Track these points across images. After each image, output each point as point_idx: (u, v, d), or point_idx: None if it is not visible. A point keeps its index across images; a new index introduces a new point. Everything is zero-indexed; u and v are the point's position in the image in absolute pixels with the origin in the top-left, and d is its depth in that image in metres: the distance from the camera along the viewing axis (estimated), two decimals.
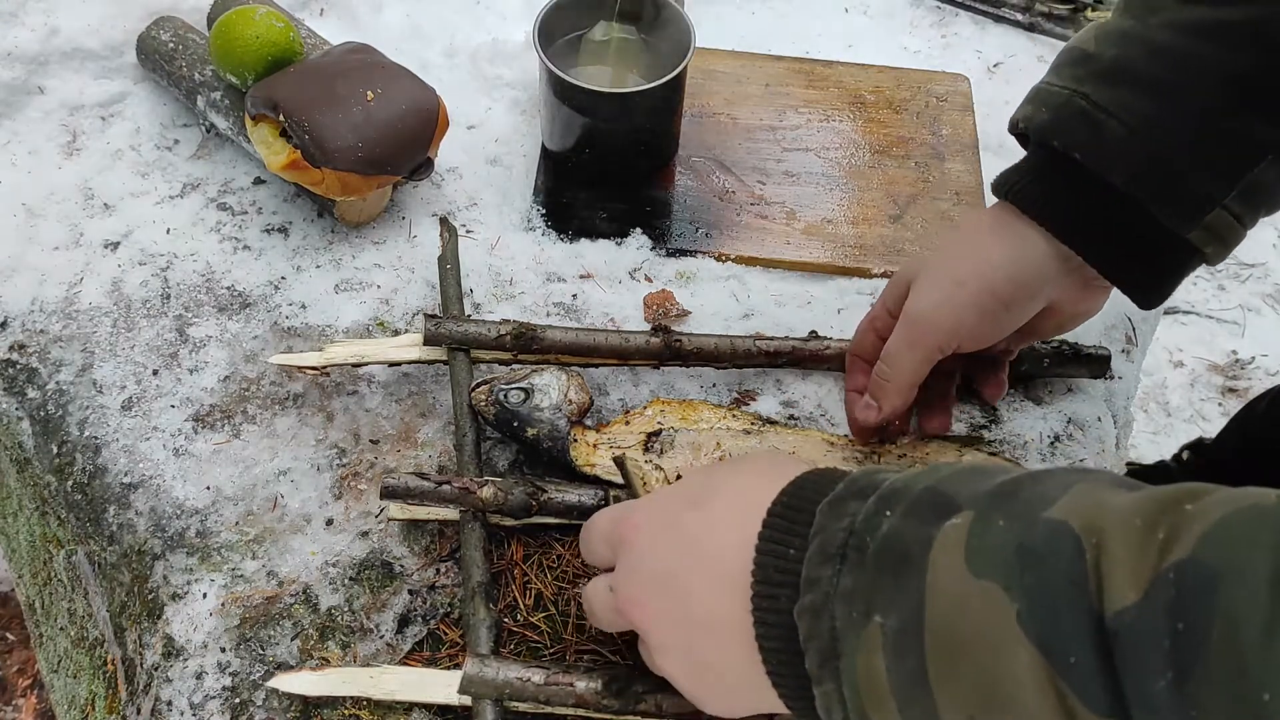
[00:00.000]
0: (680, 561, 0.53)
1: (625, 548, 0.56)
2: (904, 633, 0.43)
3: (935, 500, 0.45)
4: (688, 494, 0.56)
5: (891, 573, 0.44)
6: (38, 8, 1.03)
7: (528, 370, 0.76)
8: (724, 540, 0.51)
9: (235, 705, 0.67)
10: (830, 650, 0.45)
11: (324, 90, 0.85)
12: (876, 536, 0.45)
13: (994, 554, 0.41)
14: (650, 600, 0.54)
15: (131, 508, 0.76)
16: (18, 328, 0.85)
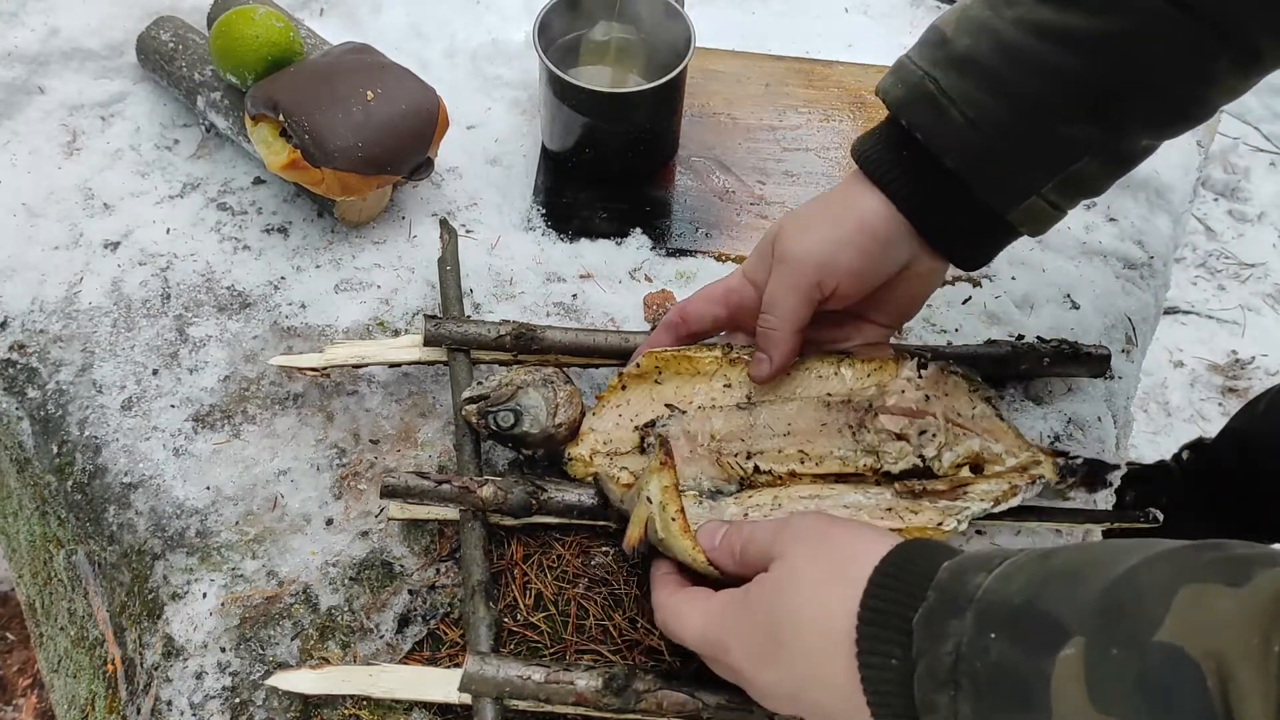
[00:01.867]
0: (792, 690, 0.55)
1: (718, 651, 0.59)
2: None
3: (1040, 624, 0.44)
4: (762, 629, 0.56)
5: (1017, 707, 0.44)
6: (38, 8, 1.03)
7: (514, 387, 0.73)
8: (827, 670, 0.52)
9: (235, 705, 0.67)
10: None
11: (324, 90, 0.85)
12: (987, 664, 0.45)
13: (1115, 688, 0.41)
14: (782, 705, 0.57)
15: (131, 508, 0.76)
16: (18, 328, 0.85)
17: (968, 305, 0.89)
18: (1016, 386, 0.84)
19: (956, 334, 0.87)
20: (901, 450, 0.72)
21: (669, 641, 0.69)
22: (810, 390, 0.74)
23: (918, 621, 0.49)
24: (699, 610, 0.60)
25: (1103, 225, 0.97)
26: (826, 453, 0.72)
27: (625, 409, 0.75)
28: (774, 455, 0.72)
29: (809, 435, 0.73)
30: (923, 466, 0.71)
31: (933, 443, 0.72)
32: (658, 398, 0.75)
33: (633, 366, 0.75)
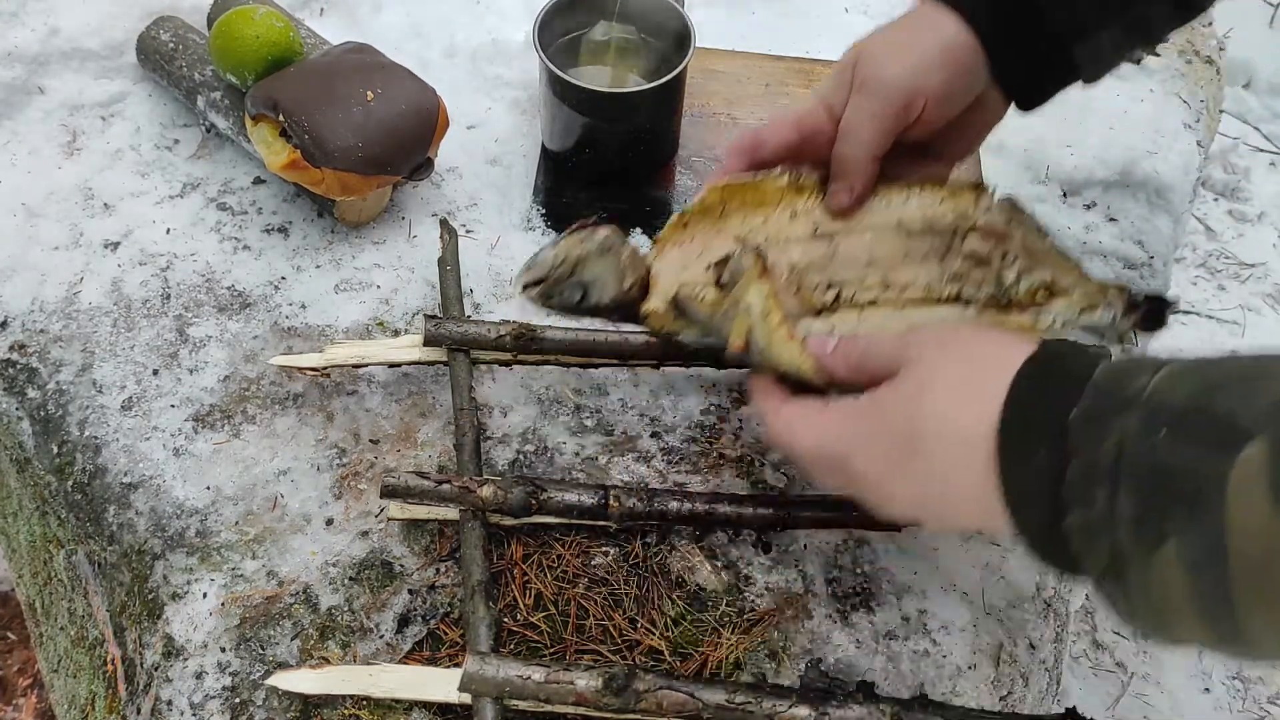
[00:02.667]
0: (916, 491, 0.56)
1: (845, 472, 0.59)
2: (1207, 560, 0.43)
3: (1216, 425, 0.44)
4: (895, 437, 0.56)
5: (1185, 504, 0.44)
6: (38, 8, 1.03)
7: (572, 262, 0.68)
8: (961, 478, 0.52)
9: (235, 705, 0.67)
10: (1112, 565, 0.47)
11: (324, 90, 0.85)
12: (1155, 462, 0.45)
13: None
14: (909, 513, 0.58)
15: (131, 507, 0.76)
16: (18, 328, 0.85)
17: None
18: None
19: None
20: (985, 275, 0.70)
21: (669, 641, 0.69)
22: (883, 219, 0.71)
23: (1074, 419, 0.48)
24: (815, 422, 0.60)
25: (1103, 225, 0.97)
26: (910, 281, 0.70)
27: (690, 248, 0.70)
28: (856, 285, 0.70)
29: (892, 264, 0.70)
30: (1001, 294, 0.70)
31: (1013, 267, 0.70)
32: (724, 232, 0.70)
33: (696, 202, 0.71)
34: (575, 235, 0.69)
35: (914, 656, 0.71)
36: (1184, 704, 1.49)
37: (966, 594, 0.73)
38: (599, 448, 0.80)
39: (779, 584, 0.74)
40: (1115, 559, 0.47)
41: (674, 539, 0.75)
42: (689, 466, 0.79)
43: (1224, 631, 0.45)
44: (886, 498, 0.58)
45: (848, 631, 0.72)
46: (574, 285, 0.69)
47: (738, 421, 0.82)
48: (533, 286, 0.70)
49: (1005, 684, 0.71)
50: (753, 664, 0.70)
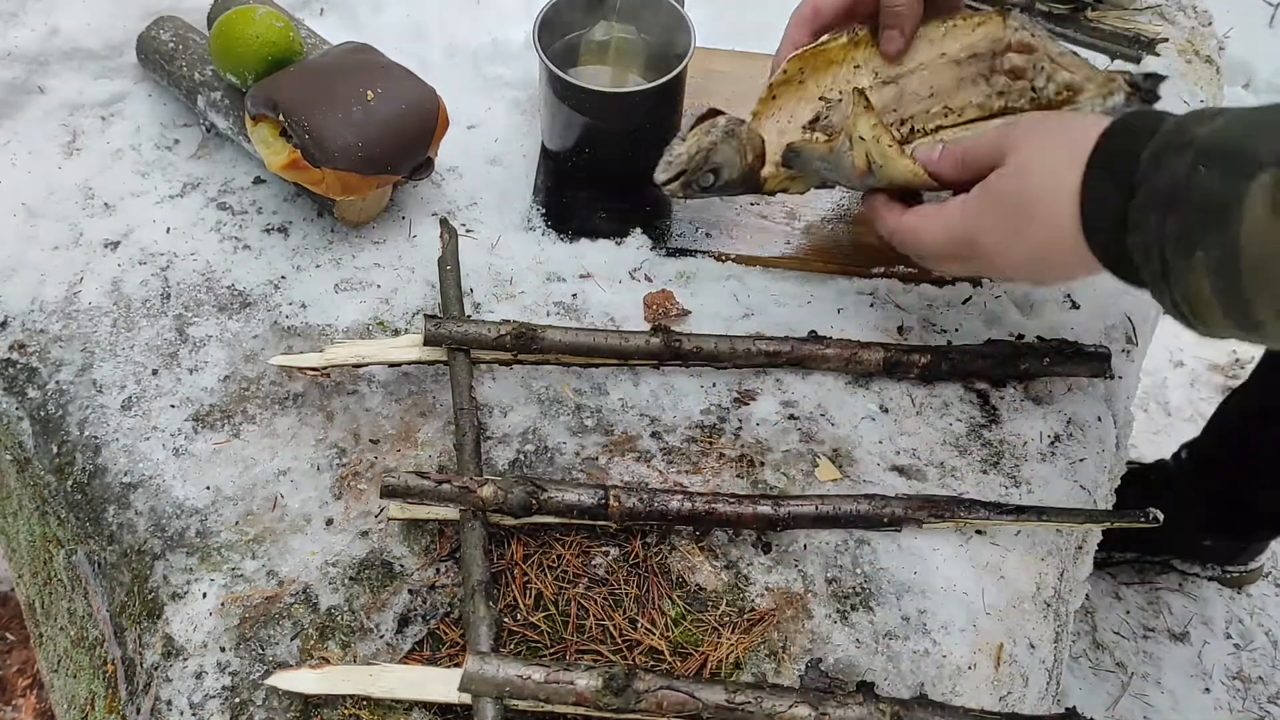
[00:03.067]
0: (1027, 248, 0.68)
1: (971, 248, 0.71)
2: (1224, 263, 0.56)
3: (1243, 160, 0.56)
4: (1010, 209, 0.68)
5: (1214, 220, 0.56)
6: (38, 8, 1.03)
7: (704, 151, 0.80)
8: (1061, 224, 0.65)
9: (235, 705, 0.67)
10: (1160, 273, 0.60)
11: (324, 90, 0.85)
12: (1196, 188, 0.57)
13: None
14: (1016, 272, 0.73)
15: (131, 507, 0.76)
16: (18, 328, 0.85)
17: (968, 305, 0.89)
18: (1016, 386, 0.84)
19: (957, 334, 0.87)
20: (1023, 86, 0.82)
21: (669, 641, 0.69)
22: (931, 55, 0.83)
23: (1145, 157, 0.60)
24: (936, 220, 0.73)
25: None
26: (966, 103, 0.83)
27: (781, 115, 0.83)
28: (923, 116, 0.83)
29: (949, 92, 0.83)
30: (1039, 98, 0.81)
31: (1042, 74, 0.81)
32: (807, 96, 0.83)
33: (778, 75, 0.83)
34: (699, 128, 0.81)
35: (914, 656, 0.71)
36: (1184, 704, 1.49)
37: (966, 594, 0.73)
38: (599, 448, 0.80)
39: (779, 584, 0.74)
40: (1164, 269, 0.60)
41: (674, 539, 0.75)
42: (689, 466, 0.79)
43: (1239, 318, 0.58)
44: (1007, 264, 0.70)
45: (848, 631, 0.72)
46: (707, 171, 0.81)
47: (738, 421, 0.82)
48: (672, 181, 0.82)
49: (1005, 684, 0.71)
50: (753, 664, 0.70)
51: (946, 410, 0.83)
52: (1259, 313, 0.57)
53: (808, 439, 0.81)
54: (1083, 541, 0.85)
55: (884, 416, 0.83)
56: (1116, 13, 1.10)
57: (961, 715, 0.66)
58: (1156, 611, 1.58)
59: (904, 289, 0.90)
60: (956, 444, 0.81)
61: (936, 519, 0.74)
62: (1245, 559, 1.57)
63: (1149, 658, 1.53)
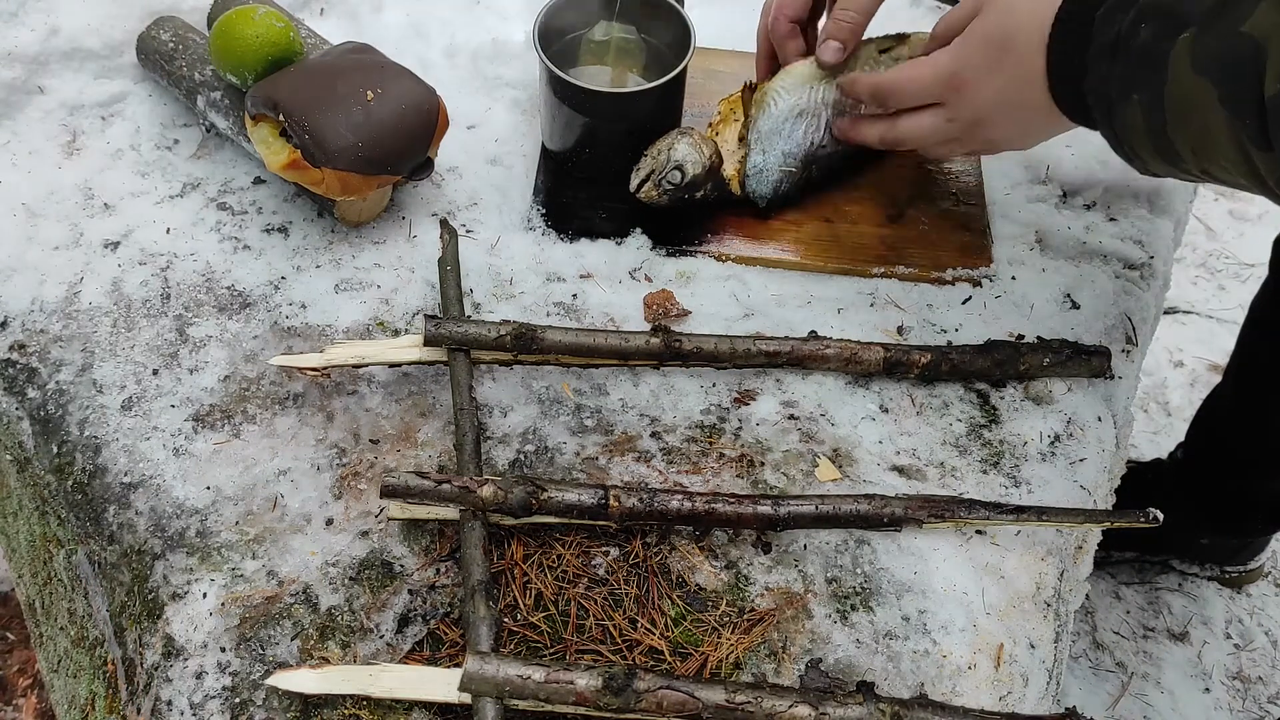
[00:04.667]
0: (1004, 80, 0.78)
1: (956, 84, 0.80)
2: (1153, 104, 0.67)
3: (1174, 18, 0.65)
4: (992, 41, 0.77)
5: (1147, 67, 0.67)
6: (38, 8, 1.03)
7: (666, 149, 0.88)
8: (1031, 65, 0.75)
9: (235, 705, 0.67)
10: (1108, 110, 0.71)
11: (324, 90, 0.85)
12: (1135, 41, 0.68)
13: (1207, 59, 0.63)
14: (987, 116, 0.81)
15: (131, 507, 0.76)
16: (18, 328, 0.85)
17: (968, 305, 0.89)
18: (1016, 386, 0.84)
19: (957, 334, 0.87)
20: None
21: (669, 641, 0.69)
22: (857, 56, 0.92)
23: (1100, 14, 0.71)
24: (927, 64, 0.82)
25: (1103, 225, 0.97)
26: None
27: (721, 138, 0.91)
28: None
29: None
30: None
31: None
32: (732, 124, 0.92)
33: (715, 117, 0.92)
34: (660, 140, 0.89)
35: (914, 656, 0.71)
36: (1184, 704, 1.49)
37: (966, 594, 0.73)
38: (599, 448, 0.80)
39: (779, 584, 0.74)
40: (1110, 110, 0.71)
41: (674, 539, 0.75)
42: (689, 466, 0.79)
43: (1165, 154, 0.69)
44: (981, 97, 0.79)
45: (848, 631, 0.72)
46: (672, 169, 0.88)
47: (738, 421, 0.82)
48: (643, 184, 0.89)
49: (1005, 684, 0.71)
50: (753, 664, 0.70)
51: (946, 410, 0.83)
52: (1178, 146, 0.68)
53: (808, 439, 0.81)
54: (1083, 541, 0.85)
55: (884, 416, 0.83)
56: None
57: (961, 715, 0.66)
58: (1156, 611, 1.58)
59: (904, 289, 0.90)
60: (956, 444, 0.81)
61: (936, 519, 0.74)
62: (1245, 558, 1.57)
63: (1149, 658, 1.53)
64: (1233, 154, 0.65)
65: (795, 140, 0.90)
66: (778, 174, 0.90)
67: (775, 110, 0.89)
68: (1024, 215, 0.96)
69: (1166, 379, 1.87)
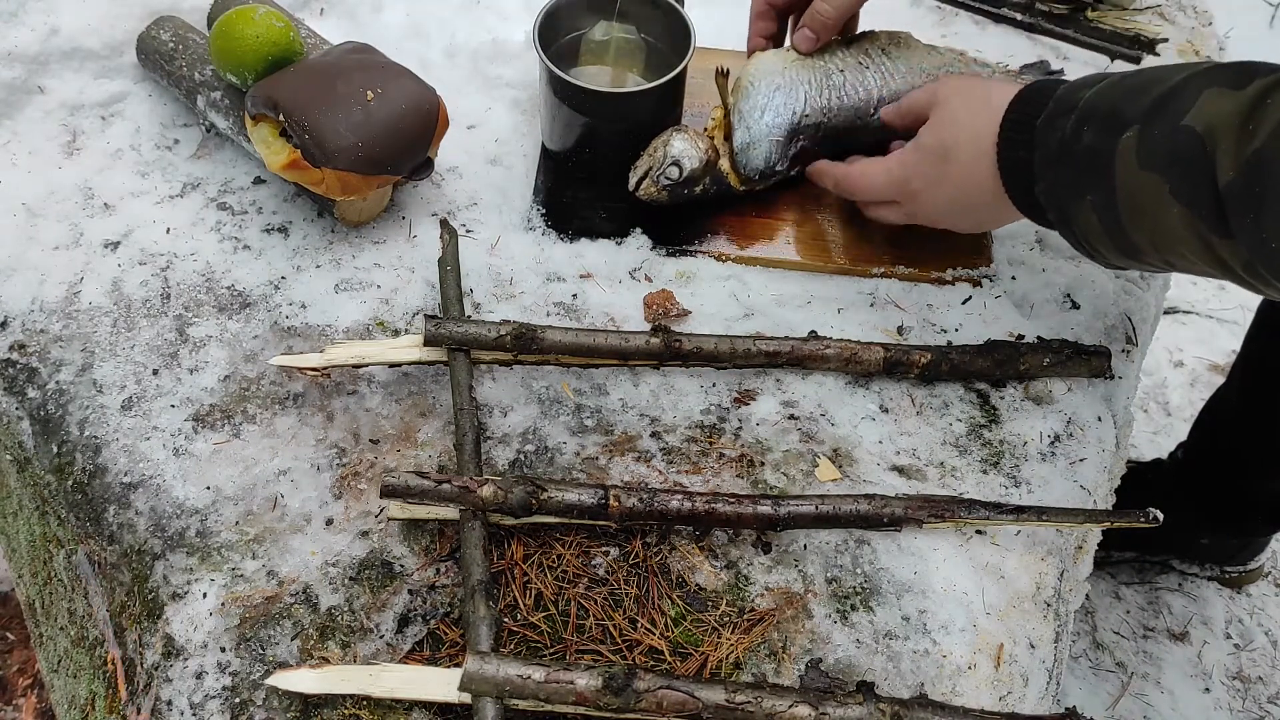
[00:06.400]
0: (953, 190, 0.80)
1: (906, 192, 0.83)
2: (1106, 203, 0.69)
3: (1115, 119, 0.68)
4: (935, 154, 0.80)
5: (1094, 169, 0.69)
6: (38, 8, 1.03)
7: (661, 145, 0.89)
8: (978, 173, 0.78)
9: (235, 705, 0.67)
10: (1063, 213, 0.74)
11: (324, 90, 0.85)
12: (1079, 146, 0.70)
13: (1153, 155, 0.65)
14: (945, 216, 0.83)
15: (131, 507, 0.76)
16: (18, 328, 0.85)
17: (968, 305, 0.89)
18: (1016, 386, 0.84)
19: (957, 333, 0.87)
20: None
21: (669, 641, 0.69)
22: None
23: (1040, 122, 0.74)
24: (880, 166, 0.85)
25: None
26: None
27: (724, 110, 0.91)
28: None
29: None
30: None
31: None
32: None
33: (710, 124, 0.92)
34: (655, 140, 0.90)
35: (914, 656, 0.71)
36: (1184, 704, 1.49)
37: (966, 594, 0.73)
38: (599, 448, 0.80)
39: (779, 584, 0.74)
40: (1063, 212, 0.74)
41: (674, 539, 0.75)
42: (689, 466, 0.79)
43: (1124, 248, 0.71)
44: (935, 205, 0.82)
45: (848, 631, 0.72)
46: (670, 165, 0.89)
47: (738, 421, 0.82)
48: (640, 182, 0.90)
49: (1005, 684, 0.71)
50: (753, 664, 0.70)
51: (946, 410, 0.83)
52: (1136, 241, 0.69)
53: (808, 439, 0.81)
54: (1083, 541, 0.85)
55: (884, 416, 0.83)
56: (1116, 13, 1.10)
57: (961, 715, 0.66)
58: (1156, 611, 1.58)
59: (904, 289, 0.90)
60: (956, 444, 0.81)
61: (936, 519, 0.74)
62: (1245, 558, 1.57)
63: (1149, 658, 1.53)
64: (1193, 244, 0.66)
65: (776, 110, 0.90)
66: (766, 145, 0.90)
67: (754, 89, 0.90)
68: None
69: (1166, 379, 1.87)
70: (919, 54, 0.92)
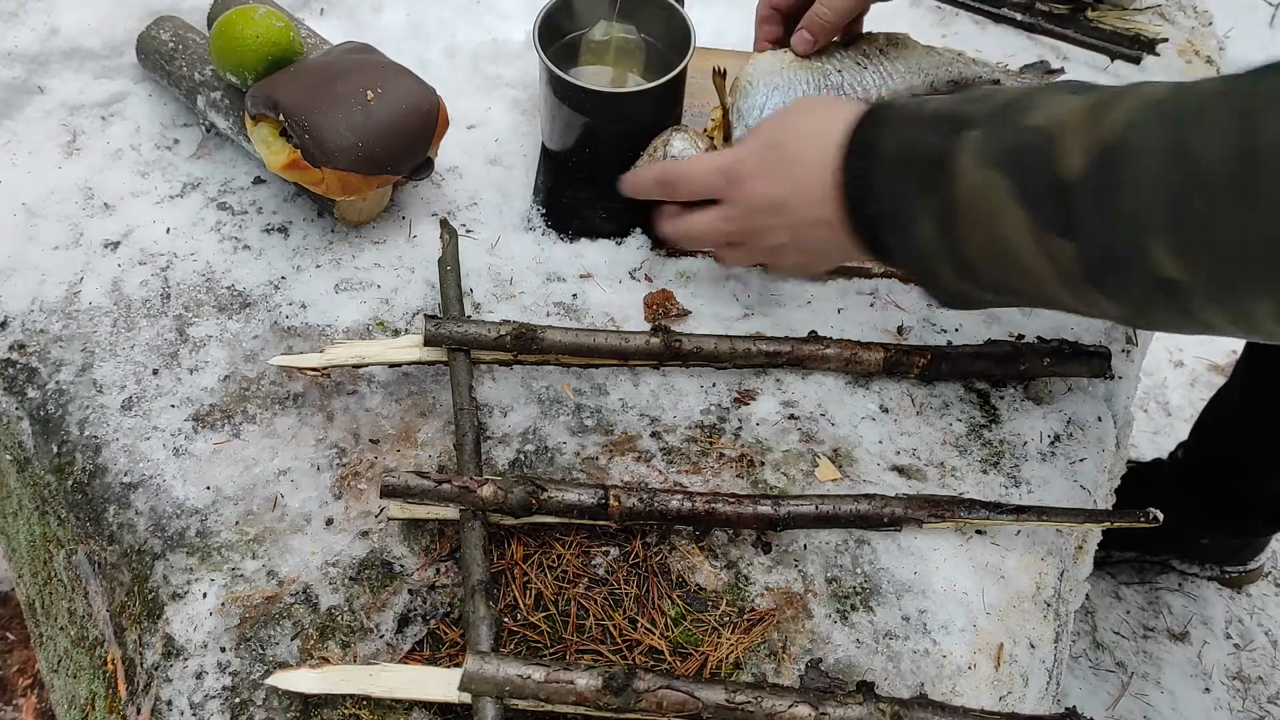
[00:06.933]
0: (785, 186, 0.77)
1: (735, 178, 0.80)
2: (943, 209, 0.66)
3: (957, 121, 0.67)
4: (768, 142, 0.79)
5: (933, 169, 0.66)
6: (38, 8, 1.03)
7: (662, 144, 0.89)
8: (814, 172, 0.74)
9: (235, 705, 0.67)
10: (901, 228, 0.70)
11: (324, 90, 0.85)
12: (918, 151, 0.68)
13: (995, 152, 0.64)
14: (766, 219, 0.79)
15: (131, 507, 0.76)
16: (18, 328, 0.85)
17: None
18: (1016, 386, 0.84)
19: (957, 333, 0.87)
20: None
21: (669, 641, 0.69)
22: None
23: (886, 129, 0.71)
24: (713, 158, 0.83)
25: None
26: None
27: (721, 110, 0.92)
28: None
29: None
30: None
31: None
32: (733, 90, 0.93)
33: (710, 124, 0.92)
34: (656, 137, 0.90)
35: (914, 656, 0.71)
36: (1184, 704, 1.49)
37: (966, 594, 0.73)
38: (599, 448, 0.80)
39: (779, 584, 0.74)
40: (903, 227, 0.70)
41: (674, 539, 0.75)
42: (689, 466, 0.79)
43: (958, 263, 0.68)
44: (760, 199, 0.78)
45: (848, 631, 0.72)
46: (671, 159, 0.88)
47: (738, 421, 0.82)
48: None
49: (1005, 684, 0.71)
50: (753, 664, 0.70)
51: (946, 410, 0.83)
52: (973, 255, 0.67)
53: (808, 439, 0.81)
54: (1083, 541, 0.85)
55: (884, 416, 0.83)
56: (1116, 13, 1.10)
57: (961, 715, 0.66)
58: (1156, 611, 1.58)
59: (904, 289, 0.90)
60: (956, 444, 0.81)
61: (936, 519, 0.74)
62: (1245, 558, 1.57)
63: (1149, 658, 1.53)
64: (1031, 252, 0.63)
65: (774, 109, 0.89)
66: None
67: (752, 89, 0.90)
68: None
69: (1166, 379, 1.87)
70: (917, 54, 0.92)
